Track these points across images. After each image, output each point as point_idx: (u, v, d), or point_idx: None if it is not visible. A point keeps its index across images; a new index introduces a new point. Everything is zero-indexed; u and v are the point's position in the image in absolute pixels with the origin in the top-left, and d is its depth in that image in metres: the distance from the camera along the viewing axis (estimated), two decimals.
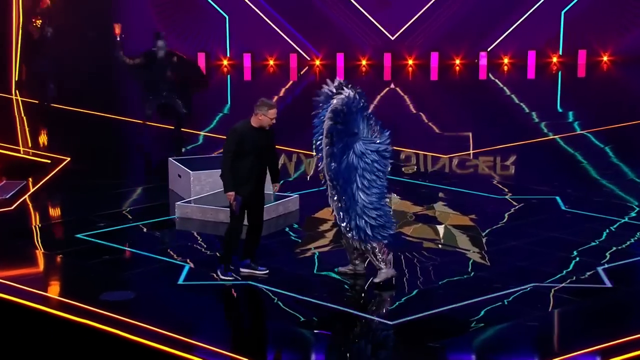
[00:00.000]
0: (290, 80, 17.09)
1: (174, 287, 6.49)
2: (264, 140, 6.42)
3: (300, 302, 6.20)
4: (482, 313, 5.97)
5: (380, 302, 6.24)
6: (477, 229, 7.75)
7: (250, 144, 6.34)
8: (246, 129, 6.39)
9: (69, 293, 6.35)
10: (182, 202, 8.25)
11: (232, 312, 6.30)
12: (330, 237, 7.55)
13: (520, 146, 11.01)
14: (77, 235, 7.55)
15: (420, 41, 17.93)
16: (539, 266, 6.78)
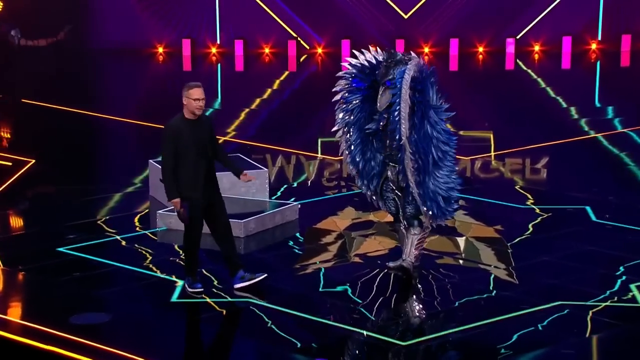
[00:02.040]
0: (288, 71, 17.14)
1: (155, 308, 6.50)
2: (203, 133, 6.40)
3: (302, 323, 6.21)
4: (510, 338, 5.99)
5: (392, 322, 6.26)
6: (502, 242, 7.77)
7: (188, 139, 6.32)
8: (180, 123, 6.38)
9: (33, 315, 6.36)
10: (165, 211, 8.28)
11: (222, 337, 6.31)
12: (334, 250, 7.58)
13: (553, 146, 11.03)
14: (44, 249, 7.57)
15: (438, 26, 17.96)
16: (574, 284, 6.79)
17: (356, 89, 6.78)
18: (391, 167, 6.77)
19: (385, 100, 6.65)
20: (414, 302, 6.68)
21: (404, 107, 6.46)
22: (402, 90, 6.44)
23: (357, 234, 7.95)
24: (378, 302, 6.55)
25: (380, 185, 6.86)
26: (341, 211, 8.59)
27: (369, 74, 6.77)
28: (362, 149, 6.79)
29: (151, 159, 9.28)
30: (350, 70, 6.82)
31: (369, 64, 6.79)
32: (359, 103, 6.78)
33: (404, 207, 6.78)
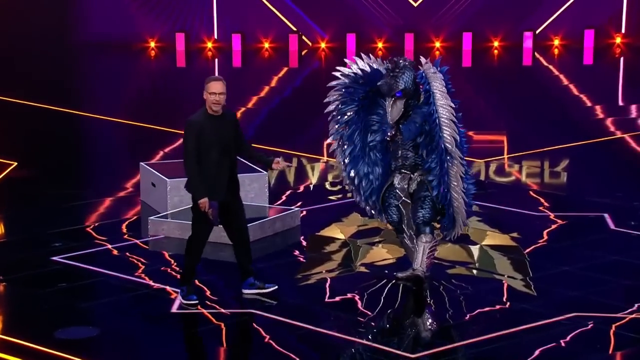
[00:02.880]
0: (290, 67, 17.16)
1: (146, 321, 6.51)
2: (227, 129, 6.46)
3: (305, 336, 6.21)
4: (528, 354, 5.98)
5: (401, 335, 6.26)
6: (519, 251, 7.77)
7: (210, 135, 6.38)
8: (202, 118, 6.46)
9: (16, 330, 6.37)
10: (157, 217, 8.29)
11: (219, 353, 6.32)
12: (339, 259, 7.58)
13: (573, 148, 11.03)
14: (27, 258, 7.58)
15: (450, 19, 17.97)
16: (597, 297, 6.78)
17: (350, 100, 6.89)
18: (401, 175, 6.88)
19: (397, 112, 6.77)
20: (424, 314, 6.69)
21: (443, 112, 6.60)
22: (437, 95, 6.59)
23: (363, 242, 7.96)
24: (386, 314, 6.56)
25: (382, 194, 6.94)
26: (346, 217, 8.59)
27: (363, 83, 6.89)
28: (357, 164, 6.94)
29: (142, 161, 9.29)
30: (343, 81, 6.93)
31: (363, 73, 6.89)
32: (353, 115, 6.91)
33: (415, 213, 6.84)
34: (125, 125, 12.54)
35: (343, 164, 7.00)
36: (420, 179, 6.85)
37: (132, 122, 12.59)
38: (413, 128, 6.76)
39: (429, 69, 6.71)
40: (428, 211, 6.82)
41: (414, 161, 6.85)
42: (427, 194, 6.81)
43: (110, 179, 10.13)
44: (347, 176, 7.00)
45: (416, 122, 6.76)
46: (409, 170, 6.86)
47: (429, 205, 6.82)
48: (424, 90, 6.74)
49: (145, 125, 12.39)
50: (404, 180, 6.87)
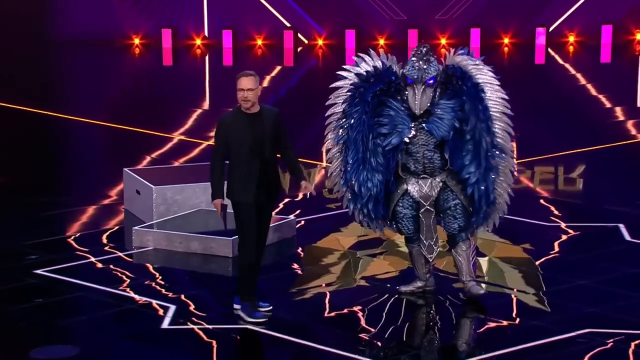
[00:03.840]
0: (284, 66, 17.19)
1: (131, 339, 6.52)
2: (262, 128, 6.49)
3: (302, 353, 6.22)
4: None
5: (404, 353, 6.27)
6: (531, 263, 7.78)
7: (241, 135, 6.45)
8: (234, 116, 6.53)
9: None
10: (142, 227, 8.30)
11: None
12: (338, 272, 7.59)
13: (589, 153, 11.06)
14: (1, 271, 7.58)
15: (457, 14, 18.02)
16: (616, 313, 6.80)
17: (360, 101, 6.79)
18: (420, 180, 6.81)
19: (426, 101, 6.71)
20: (429, 330, 6.69)
21: (495, 106, 6.68)
22: (487, 87, 6.66)
23: (364, 254, 7.98)
24: (388, 331, 6.57)
25: (395, 204, 6.87)
26: (345, 227, 8.61)
27: (374, 82, 6.80)
28: (357, 170, 6.85)
29: (126, 167, 9.31)
30: (353, 80, 6.86)
31: (375, 70, 6.82)
32: (362, 117, 6.79)
33: (450, 225, 6.84)
34: (107, 128, 12.56)
35: (342, 171, 6.95)
36: (444, 182, 6.81)
37: (115, 125, 12.61)
38: (443, 125, 6.68)
39: (465, 60, 6.70)
40: (462, 219, 6.83)
41: (439, 163, 6.80)
42: (458, 202, 6.78)
43: (91, 186, 10.14)
44: (345, 183, 6.95)
45: (443, 118, 6.69)
46: (429, 174, 6.81)
47: (462, 213, 6.82)
48: (463, 84, 6.65)
49: (129, 128, 12.41)
50: (426, 186, 6.81)
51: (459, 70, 6.72)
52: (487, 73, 6.79)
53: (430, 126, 6.71)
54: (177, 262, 7.91)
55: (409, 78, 6.72)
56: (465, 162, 6.73)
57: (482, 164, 6.70)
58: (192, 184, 8.72)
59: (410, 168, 6.83)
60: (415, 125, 6.74)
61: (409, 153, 6.80)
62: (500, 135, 6.73)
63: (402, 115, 6.76)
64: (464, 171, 6.74)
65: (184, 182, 8.77)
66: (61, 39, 17.72)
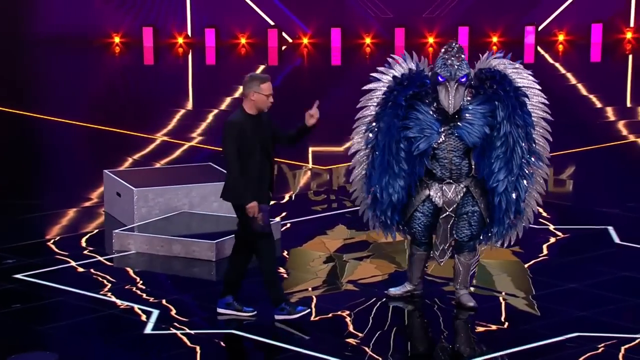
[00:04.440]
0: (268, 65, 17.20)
1: (112, 345, 6.52)
2: (265, 129, 6.58)
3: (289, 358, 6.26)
4: None
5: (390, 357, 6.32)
6: (521, 266, 7.83)
7: (252, 137, 6.50)
8: (243, 119, 6.55)
9: None
10: (122, 230, 8.30)
11: None
12: (324, 276, 7.62)
13: (581, 153, 11.12)
14: None
15: (445, 12, 18.08)
16: (606, 317, 6.85)
17: (394, 105, 6.68)
18: (444, 186, 6.75)
19: (459, 99, 6.62)
20: (416, 335, 6.73)
21: (536, 112, 6.72)
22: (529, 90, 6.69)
23: (350, 257, 8.01)
24: (376, 335, 6.59)
25: (414, 209, 6.81)
26: (331, 230, 8.64)
27: (407, 85, 6.71)
28: (381, 175, 6.76)
29: (106, 168, 9.31)
30: (388, 83, 6.74)
31: (410, 73, 6.72)
32: (394, 120, 6.69)
33: (461, 230, 6.80)
34: (87, 129, 12.54)
35: (366, 176, 6.79)
36: (467, 188, 6.77)
37: (95, 126, 12.59)
38: (474, 131, 6.64)
39: (503, 63, 6.67)
40: (476, 228, 6.81)
41: (467, 170, 6.74)
42: (476, 209, 6.75)
43: (71, 188, 10.12)
44: (368, 189, 6.83)
45: (474, 123, 6.65)
46: (455, 180, 6.74)
47: (478, 221, 6.79)
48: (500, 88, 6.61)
49: (110, 128, 12.39)
50: (450, 192, 6.75)
51: (498, 74, 6.66)
52: (527, 77, 6.77)
53: (461, 132, 6.65)
54: (159, 266, 7.92)
55: (441, 76, 6.61)
56: (495, 170, 6.69)
57: (515, 172, 6.67)
58: (174, 185, 8.72)
59: (436, 174, 6.74)
60: (444, 130, 6.68)
61: (436, 158, 6.71)
62: (539, 141, 6.74)
63: (431, 120, 6.67)
64: (492, 179, 6.69)
65: (166, 184, 8.78)
66: (38, 37, 17.67)
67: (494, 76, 6.67)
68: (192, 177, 9.00)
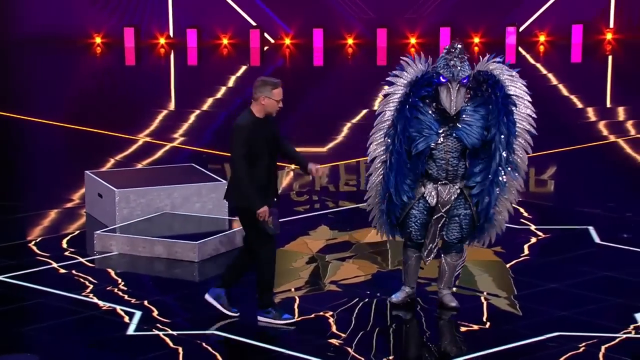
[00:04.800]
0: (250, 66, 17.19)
1: (94, 347, 6.50)
2: (271, 132, 6.61)
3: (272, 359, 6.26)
4: None
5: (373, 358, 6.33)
6: (502, 266, 7.86)
7: (262, 141, 6.51)
8: (251, 121, 6.55)
9: None
10: (104, 231, 8.28)
11: None
12: (306, 276, 7.62)
13: (562, 154, 11.17)
14: None
15: (427, 12, 18.13)
16: (587, 316, 6.89)
17: (410, 107, 6.61)
18: (439, 187, 6.72)
19: (461, 100, 6.60)
20: (399, 335, 6.74)
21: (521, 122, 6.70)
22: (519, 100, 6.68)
23: (332, 258, 8.01)
24: (358, 336, 6.60)
25: (410, 207, 6.78)
26: (314, 230, 8.64)
27: (422, 86, 6.66)
28: (397, 176, 6.69)
29: (88, 169, 9.28)
30: (403, 87, 6.66)
31: (423, 75, 6.67)
32: (409, 122, 6.63)
33: (451, 231, 6.79)
34: (68, 130, 12.49)
35: (385, 181, 6.70)
36: (461, 190, 6.76)
37: (76, 126, 12.54)
38: (473, 132, 6.63)
39: (500, 69, 6.66)
40: (467, 231, 6.81)
41: (462, 171, 6.74)
42: (469, 212, 6.75)
43: (52, 189, 10.08)
44: (382, 194, 6.74)
45: (472, 125, 6.63)
46: (450, 180, 6.73)
47: (469, 224, 6.79)
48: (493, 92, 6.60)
49: (91, 129, 12.34)
50: (445, 192, 6.73)
51: (492, 78, 6.65)
52: (520, 87, 6.75)
53: (460, 133, 6.64)
54: (141, 267, 7.90)
55: (444, 76, 6.58)
56: (475, 171, 6.71)
57: (489, 177, 6.67)
58: (156, 186, 8.70)
59: (432, 174, 6.72)
60: (443, 131, 6.65)
61: (433, 159, 6.69)
62: (518, 152, 6.73)
63: (430, 120, 6.65)
64: (471, 179, 6.72)
65: (148, 184, 8.76)
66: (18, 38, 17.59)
67: (488, 80, 6.67)
68: (174, 177, 8.98)
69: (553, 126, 12.60)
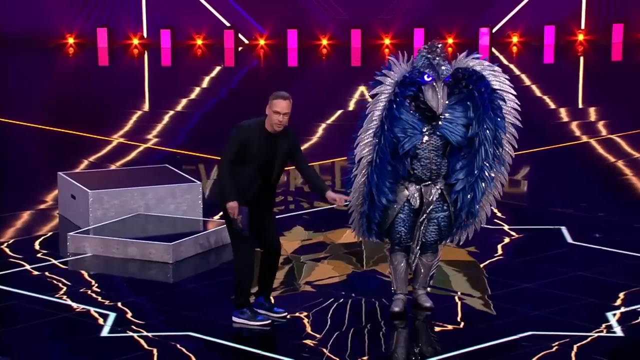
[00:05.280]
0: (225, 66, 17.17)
1: (68, 349, 6.47)
2: (277, 149, 6.50)
3: None
4: None
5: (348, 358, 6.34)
6: (477, 266, 7.89)
7: (256, 149, 6.45)
8: (256, 130, 6.50)
9: None
10: (77, 233, 8.24)
11: None
12: (281, 277, 7.62)
13: (535, 154, 11.24)
14: None
15: (401, 14, 18.18)
16: (560, 315, 6.93)
17: (398, 107, 6.53)
18: (422, 187, 6.67)
19: (445, 99, 6.54)
20: (374, 335, 6.75)
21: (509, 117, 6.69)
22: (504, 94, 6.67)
23: (307, 258, 8.01)
24: (334, 336, 6.61)
25: (397, 212, 6.72)
26: (288, 231, 8.64)
27: (408, 85, 6.57)
28: (379, 178, 6.62)
29: (61, 171, 9.22)
30: (392, 86, 6.57)
31: (410, 74, 6.59)
32: (396, 122, 6.57)
33: (430, 232, 6.77)
34: (41, 131, 12.42)
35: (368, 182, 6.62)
36: (441, 190, 6.73)
37: (49, 127, 12.47)
38: (457, 130, 6.60)
39: (482, 64, 6.63)
40: (445, 232, 6.81)
41: (445, 170, 6.70)
42: (448, 213, 6.73)
43: (24, 190, 10.02)
44: (365, 195, 6.65)
45: (454, 122, 6.59)
46: (433, 180, 6.69)
47: (447, 225, 6.78)
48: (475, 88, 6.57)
49: (64, 130, 12.28)
50: (428, 193, 6.69)
51: (475, 74, 6.61)
52: (504, 81, 6.75)
53: (444, 131, 6.60)
54: (114, 269, 7.87)
55: (429, 75, 6.52)
56: (456, 168, 6.68)
57: (475, 173, 6.65)
58: (130, 187, 8.67)
59: (416, 174, 6.66)
60: (427, 129, 6.62)
61: (417, 158, 6.64)
62: (505, 146, 6.74)
63: (413, 119, 6.59)
64: (452, 176, 6.70)
65: (122, 186, 8.72)
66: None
67: (471, 76, 6.63)
68: (148, 178, 8.95)
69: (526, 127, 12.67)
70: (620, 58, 17.65)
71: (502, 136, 6.72)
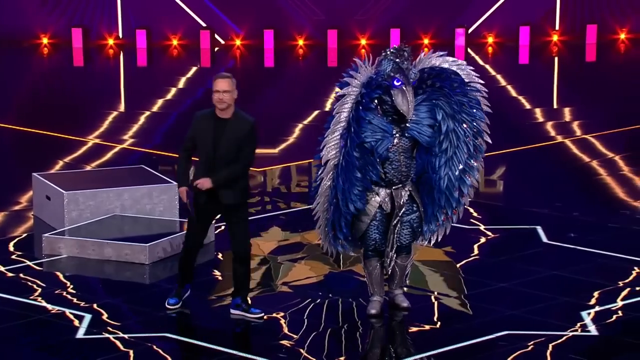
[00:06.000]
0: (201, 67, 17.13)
1: (43, 351, 6.43)
2: (228, 135, 6.57)
3: None
4: None
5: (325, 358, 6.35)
6: (453, 266, 7.92)
7: (204, 135, 6.61)
8: (207, 116, 6.69)
9: None
10: (52, 234, 8.19)
11: None
12: (258, 278, 7.62)
13: (510, 154, 11.30)
14: None
15: (377, 14, 18.21)
16: (536, 315, 6.96)
17: (364, 110, 6.50)
18: (393, 191, 6.65)
19: (414, 102, 6.54)
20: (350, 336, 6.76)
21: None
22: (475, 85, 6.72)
23: (284, 259, 8.01)
24: (310, 337, 6.61)
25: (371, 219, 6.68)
26: (265, 232, 8.64)
27: (375, 87, 6.55)
28: (344, 183, 6.56)
29: (35, 171, 9.17)
30: (358, 87, 6.54)
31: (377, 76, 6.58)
32: (363, 126, 6.53)
33: (404, 234, 6.75)
34: (15, 132, 12.34)
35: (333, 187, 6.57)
36: (410, 191, 6.72)
37: (24, 128, 12.39)
38: (425, 130, 6.60)
39: (447, 61, 6.67)
40: (418, 232, 6.83)
41: (413, 170, 6.71)
42: (419, 214, 6.75)
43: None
44: (330, 200, 6.59)
45: (420, 122, 6.60)
46: (403, 182, 6.68)
47: (419, 225, 6.80)
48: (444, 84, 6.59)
49: (38, 131, 12.21)
50: (399, 196, 6.67)
51: (445, 72, 6.63)
52: (469, 72, 6.80)
53: (412, 132, 6.60)
54: (90, 270, 7.83)
55: (398, 79, 6.51)
56: (436, 167, 6.68)
57: (458, 168, 6.69)
58: (105, 188, 8.63)
59: (387, 177, 6.63)
60: (397, 132, 6.61)
61: (389, 161, 6.61)
62: (486, 136, 6.81)
63: (382, 122, 6.57)
64: (435, 177, 6.69)
65: (98, 186, 8.68)
66: None
67: (440, 74, 6.65)
68: (124, 179, 8.91)
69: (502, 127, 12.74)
70: (594, 58, 17.77)
71: (481, 125, 6.78)
